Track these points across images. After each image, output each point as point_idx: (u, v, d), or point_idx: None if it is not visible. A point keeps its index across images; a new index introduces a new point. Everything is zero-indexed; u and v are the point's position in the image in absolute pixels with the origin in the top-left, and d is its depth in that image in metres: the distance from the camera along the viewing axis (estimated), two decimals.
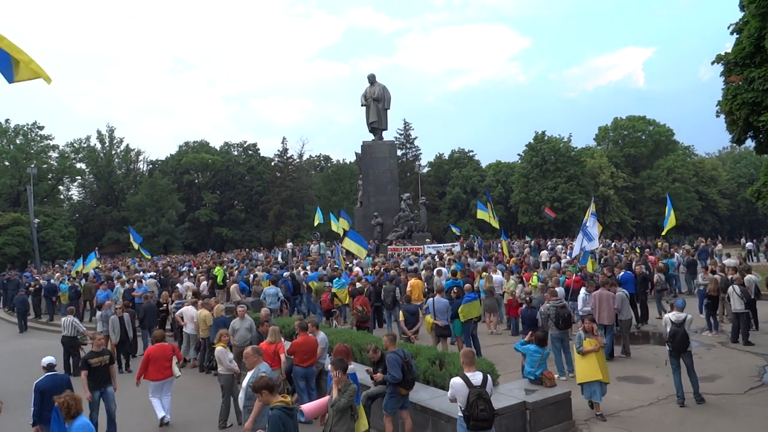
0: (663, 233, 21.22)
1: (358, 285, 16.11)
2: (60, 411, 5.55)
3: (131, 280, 21.26)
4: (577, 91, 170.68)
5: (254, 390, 5.78)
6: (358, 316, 13.72)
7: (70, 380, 7.78)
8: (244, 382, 7.18)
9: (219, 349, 9.48)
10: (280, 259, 28.72)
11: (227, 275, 19.74)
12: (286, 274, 19.88)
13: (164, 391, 9.73)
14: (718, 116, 15.83)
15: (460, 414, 6.34)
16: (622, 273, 15.22)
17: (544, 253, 27.56)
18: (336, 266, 21.70)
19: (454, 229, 44.07)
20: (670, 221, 18.92)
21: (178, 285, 19.55)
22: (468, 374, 6.44)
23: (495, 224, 22.93)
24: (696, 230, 64.98)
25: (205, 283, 19.25)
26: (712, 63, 16.02)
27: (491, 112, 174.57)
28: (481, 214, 23.01)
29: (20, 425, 9.27)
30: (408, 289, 15.22)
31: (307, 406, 6.59)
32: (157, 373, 9.46)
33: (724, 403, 9.12)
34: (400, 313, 12.59)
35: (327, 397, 6.41)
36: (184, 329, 14.17)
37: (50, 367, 7.88)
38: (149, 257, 33.55)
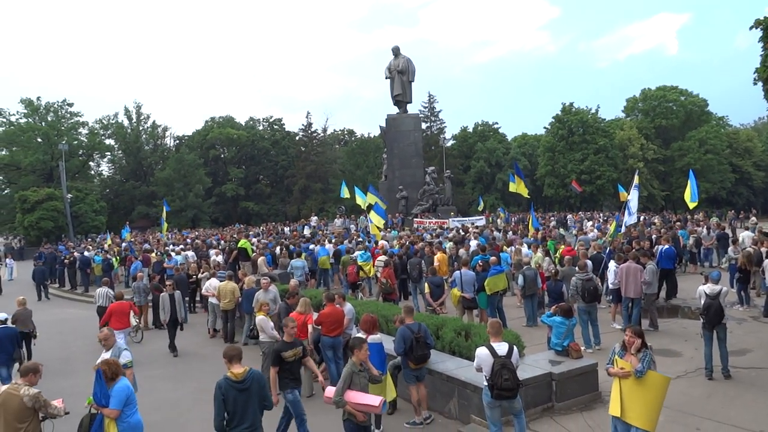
0: (692, 208, 20.82)
1: (383, 258, 16.20)
2: (101, 374, 5.80)
3: (159, 253, 21.76)
4: (607, 61, 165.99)
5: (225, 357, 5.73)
6: (383, 288, 13.84)
7: (18, 334, 10.32)
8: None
9: (260, 317, 9.76)
10: (307, 233, 29.00)
11: (255, 249, 20.05)
12: (311, 246, 20.10)
13: (119, 338, 11.21)
14: (755, 84, 15.26)
15: (485, 383, 6.41)
16: (666, 246, 15.03)
17: (588, 226, 27.45)
18: (360, 239, 21.85)
19: (481, 204, 43.74)
20: (688, 195, 18.51)
21: (212, 256, 19.97)
22: (494, 344, 6.49)
23: (525, 193, 22.91)
24: (729, 203, 63.27)
25: (220, 257, 19.52)
26: (750, 28, 15.40)
27: (517, 84, 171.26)
28: (512, 187, 22.74)
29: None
30: (435, 264, 15.26)
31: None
32: (117, 323, 11.47)
33: (754, 377, 9.01)
34: (426, 285, 12.65)
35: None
36: (209, 300, 14.49)
37: (3, 321, 10.18)
38: (165, 230, 33.86)
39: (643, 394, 5.82)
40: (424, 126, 62.01)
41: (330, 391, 6.14)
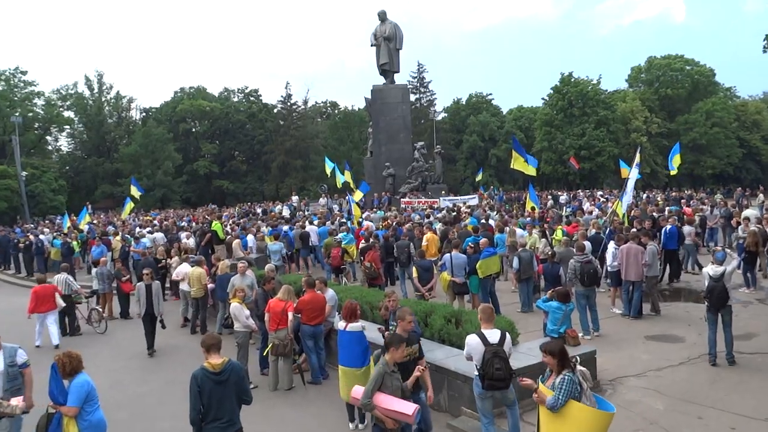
0: (672, 174, 22.44)
1: (366, 240, 16.19)
2: (57, 368, 5.71)
3: (125, 236, 21.52)
4: (609, 28, 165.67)
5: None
6: (367, 273, 13.85)
7: None
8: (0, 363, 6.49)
9: (234, 305, 9.72)
10: (286, 213, 28.86)
11: (230, 231, 19.94)
12: (285, 228, 20.09)
13: (49, 321, 12.87)
14: (765, 51, 15.30)
15: (476, 373, 6.43)
16: (669, 227, 15.18)
17: (587, 205, 27.67)
18: (344, 220, 21.79)
19: (480, 176, 43.79)
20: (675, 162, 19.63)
21: (183, 239, 19.85)
22: (485, 331, 6.49)
23: (527, 170, 22.51)
24: (736, 180, 64.06)
25: (192, 240, 19.45)
26: None
27: (513, 53, 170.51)
28: (518, 165, 22.38)
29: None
30: (424, 243, 15.24)
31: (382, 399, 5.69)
32: (41, 306, 12.60)
33: (759, 363, 9.17)
34: (414, 269, 12.66)
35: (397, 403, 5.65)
36: (180, 286, 14.39)
37: None
38: (128, 211, 33.16)
39: (563, 430, 4.89)
40: (412, 98, 61.57)
41: (358, 391, 5.93)
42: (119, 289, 15.59)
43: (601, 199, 32.72)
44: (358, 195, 21.00)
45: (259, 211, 34.28)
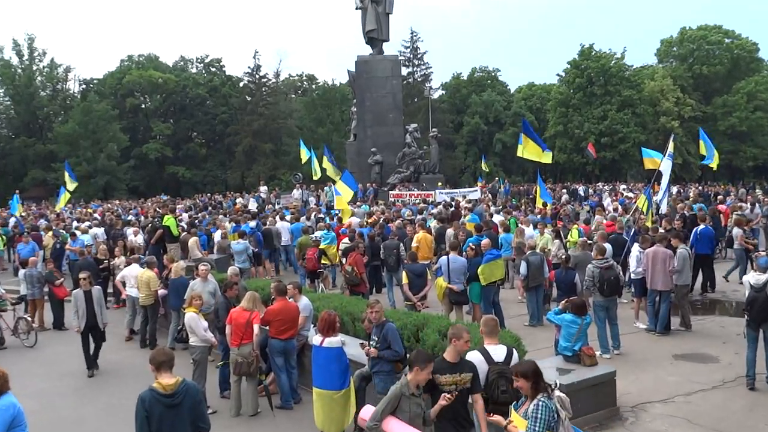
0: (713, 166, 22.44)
1: (350, 240, 16.18)
2: None
3: (59, 232, 21.32)
4: None
5: None
6: (347, 278, 13.85)
7: None
8: None
9: (190, 315, 9.68)
10: (252, 207, 28.75)
11: (186, 227, 19.84)
12: (252, 224, 20.14)
13: None
14: None
15: None
16: (701, 227, 15.32)
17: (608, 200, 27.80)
18: (321, 215, 21.82)
19: (485, 164, 43.62)
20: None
21: (129, 235, 19.70)
22: (488, 348, 6.49)
23: (540, 157, 22.29)
24: None
25: (141, 237, 19.37)
26: None
27: (524, 20, 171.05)
28: (520, 150, 21.91)
29: None
30: (414, 244, 15.26)
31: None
32: None
33: None
34: (404, 274, 12.66)
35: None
36: (126, 292, 14.25)
37: None
38: (64, 202, 32.69)
39: None
40: (404, 71, 61.79)
41: (367, 411, 5.83)
42: (52, 295, 15.38)
43: (624, 194, 33.02)
44: (342, 188, 21.00)
45: (224, 202, 34.13)
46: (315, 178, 30.55)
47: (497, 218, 20.00)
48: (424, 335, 9.14)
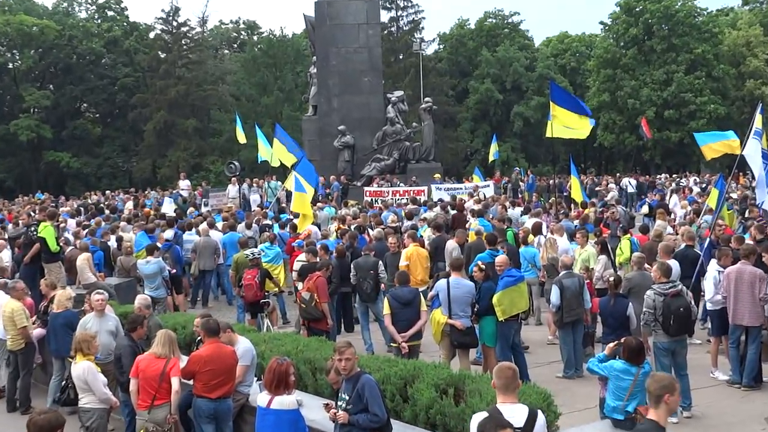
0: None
1: (303, 257, 16.13)
2: None
3: None
4: None
5: None
6: (303, 310, 13.78)
7: None
8: None
9: (83, 365, 9.62)
10: (169, 209, 28.56)
11: (73, 240, 19.70)
12: (167, 234, 20.00)
13: None
14: None
15: None
16: None
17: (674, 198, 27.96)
18: (268, 221, 21.72)
19: (494, 148, 43.70)
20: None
21: None
22: (503, 408, 6.53)
23: (582, 133, 22.07)
24: None
25: (7, 253, 19.16)
26: None
27: None
28: (550, 130, 21.53)
29: None
30: (402, 263, 15.24)
31: None
32: None
33: None
34: (385, 302, 12.63)
35: None
36: None
37: None
38: None
39: None
40: (385, 17, 61.76)
41: None
42: None
43: (696, 189, 33.27)
44: (306, 187, 20.88)
45: (129, 204, 33.88)
46: (274, 165, 30.31)
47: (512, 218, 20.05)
48: (415, 392, 9.15)
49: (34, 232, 19.17)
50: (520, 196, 34.66)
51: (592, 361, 9.78)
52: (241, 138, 34.16)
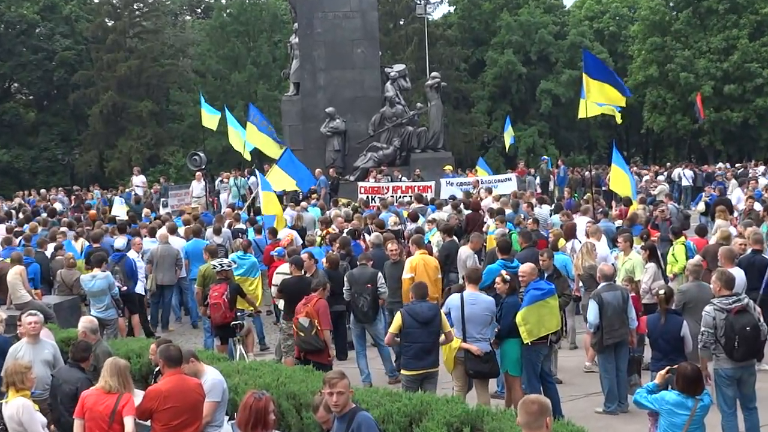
0: None
1: (284, 269, 16.14)
2: None
3: None
4: None
5: None
6: (302, 340, 13.67)
7: None
8: None
9: (18, 403, 9.62)
10: (120, 212, 28.52)
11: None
12: (119, 242, 20.07)
13: None
14: None
15: None
16: None
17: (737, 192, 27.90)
18: (241, 225, 21.73)
19: (508, 131, 43.68)
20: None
21: None
22: None
23: (613, 103, 22.09)
24: None
25: None
26: None
27: None
28: (584, 109, 21.58)
29: None
30: (407, 275, 15.24)
31: None
32: None
33: None
34: (397, 318, 12.34)
35: None
36: None
37: None
38: None
39: None
40: None
41: None
42: None
43: (763, 181, 33.24)
44: (276, 177, 20.88)
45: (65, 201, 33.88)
46: (246, 156, 30.31)
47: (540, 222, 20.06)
48: (425, 428, 9.17)
49: None
50: (549, 191, 34.63)
51: (639, 392, 9.78)
52: (208, 123, 34.03)
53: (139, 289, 18.86)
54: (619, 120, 22.94)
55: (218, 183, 34.58)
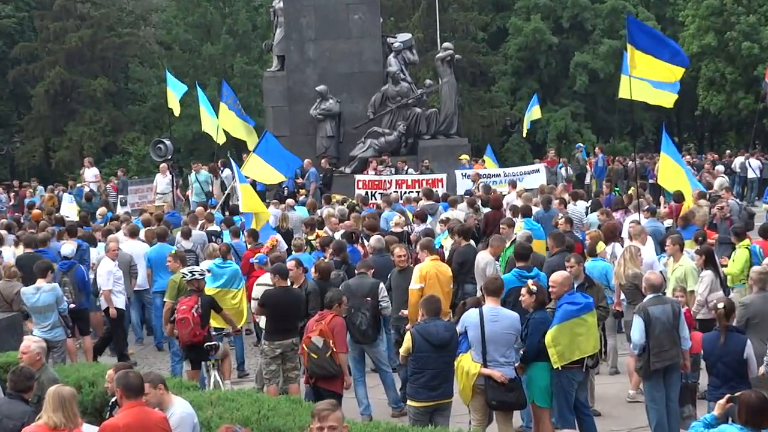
0: None
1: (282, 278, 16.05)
2: None
3: None
4: None
5: None
6: (314, 363, 13.55)
7: None
8: None
9: None
10: (69, 212, 28.56)
11: None
12: (67, 249, 19.78)
13: None
14: None
15: None
16: None
17: None
18: (215, 227, 21.70)
19: (531, 114, 43.79)
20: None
21: None
22: None
23: (668, 99, 22.06)
24: None
25: None
26: None
27: None
28: (626, 88, 21.70)
29: None
30: (416, 285, 15.12)
31: None
32: None
33: None
34: (407, 339, 12.46)
35: None
36: None
37: None
38: None
39: None
40: None
41: None
42: None
43: None
44: (254, 167, 20.83)
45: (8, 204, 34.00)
46: (219, 141, 30.31)
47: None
48: None
49: None
50: (584, 185, 34.60)
51: (694, 426, 9.68)
52: (174, 105, 33.94)
53: (119, 303, 18.88)
54: (667, 104, 22.75)
55: (191, 177, 34.52)
